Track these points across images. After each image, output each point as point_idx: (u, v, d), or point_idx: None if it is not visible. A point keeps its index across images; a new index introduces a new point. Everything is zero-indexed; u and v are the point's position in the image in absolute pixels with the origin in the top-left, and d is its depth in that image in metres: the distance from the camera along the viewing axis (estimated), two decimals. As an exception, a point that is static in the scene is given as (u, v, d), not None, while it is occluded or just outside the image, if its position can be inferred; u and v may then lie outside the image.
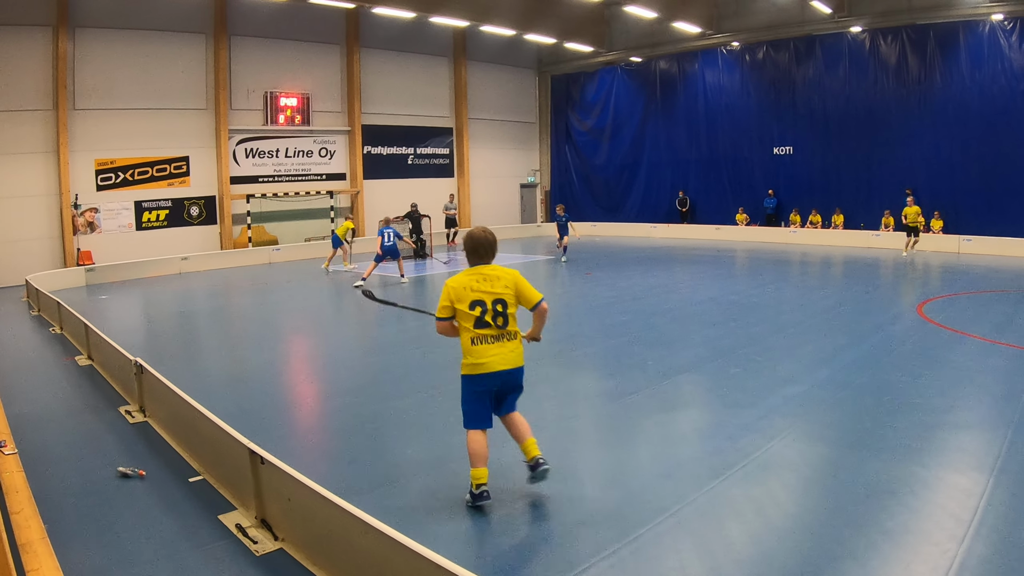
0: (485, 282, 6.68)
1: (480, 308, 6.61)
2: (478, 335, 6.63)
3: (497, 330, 6.66)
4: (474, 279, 6.70)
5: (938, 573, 5.39)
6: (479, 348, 6.66)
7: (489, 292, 6.64)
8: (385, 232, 22.42)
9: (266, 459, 6.13)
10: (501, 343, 6.69)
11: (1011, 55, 27.50)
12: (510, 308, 6.74)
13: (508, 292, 6.70)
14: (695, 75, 37.75)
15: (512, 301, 6.75)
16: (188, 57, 28.64)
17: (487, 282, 6.68)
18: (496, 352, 6.66)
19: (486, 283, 6.67)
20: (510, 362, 6.74)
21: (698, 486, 7.04)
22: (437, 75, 38.05)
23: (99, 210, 26.87)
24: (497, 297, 6.65)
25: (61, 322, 16.07)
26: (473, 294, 6.62)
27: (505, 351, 6.70)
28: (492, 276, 6.73)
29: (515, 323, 6.80)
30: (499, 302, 6.66)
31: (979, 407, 9.51)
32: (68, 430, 9.36)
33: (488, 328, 6.63)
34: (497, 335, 6.67)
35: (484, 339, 6.65)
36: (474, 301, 6.61)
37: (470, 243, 6.90)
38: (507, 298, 6.69)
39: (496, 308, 6.65)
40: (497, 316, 6.65)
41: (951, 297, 18.06)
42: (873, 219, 31.19)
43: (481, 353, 6.66)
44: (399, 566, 4.63)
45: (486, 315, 6.61)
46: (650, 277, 22.58)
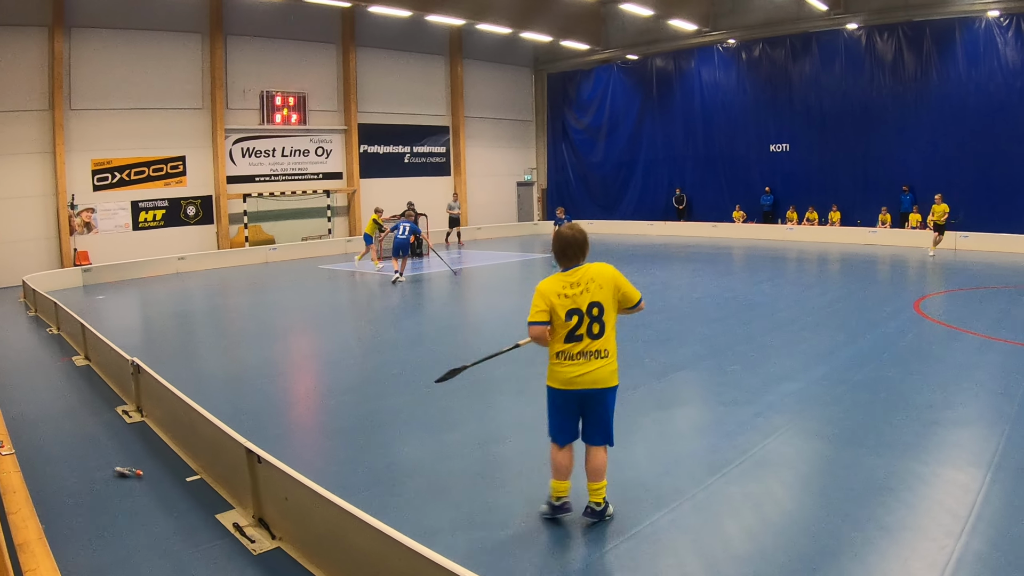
0: (577, 287, 6.03)
1: (576, 317, 6.01)
2: (565, 349, 6.07)
3: (589, 341, 6.03)
4: (565, 285, 6.06)
5: (935, 569, 5.40)
6: (562, 363, 6.10)
7: (583, 298, 6.02)
8: (402, 225, 22.15)
9: (263, 458, 6.13)
10: (588, 360, 6.03)
11: (1007, 52, 27.50)
12: (607, 314, 6.06)
13: (604, 293, 6.05)
14: (691, 73, 37.75)
15: (610, 304, 6.07)
16: (184, 57, 28.59)
17: (579, 287, 6.03)
18: (580, 370, 6.05)
19: (578, 288, 6.03)
20: (593, 381, 6.07)
21: (695, 483, 7.05)
22: (433, 74, 38.03)
23: (96, 210, 26.82)
24: (593, 301, 6.02)
25: (58, 322, 16.06)
26: (567, 301, 6.01)
27: (590, 368, 6.04)
28: (585, 279, 6.07)
29: (612, 334, 6.13)
30: (595, 305, 6.02)
31: (976, 403, 9.53)
32: (65, 430, 9.36)
33: (580, 342, 6.02)
34: (585, 351, 6.03)
35: (569, 354, 6.07)
36: (570, 310, 6.01)
37: (557, 244, 6.23)
38: (604, 302, 6.04)
39: (592, 313, 6.01)
40: (593, 323, 6.02)
41: (948, 293, 18.09)
42: (870, 216, 31.19)
43: (563, 369, 6.11)
44: (396, 564, 4.64)
45: (581, 327, 6.02)
46: (647, 275, 22.57)
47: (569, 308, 5.98)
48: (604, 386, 6.09)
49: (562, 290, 6.02)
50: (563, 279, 6.08)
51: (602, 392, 6.11)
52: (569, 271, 6.12)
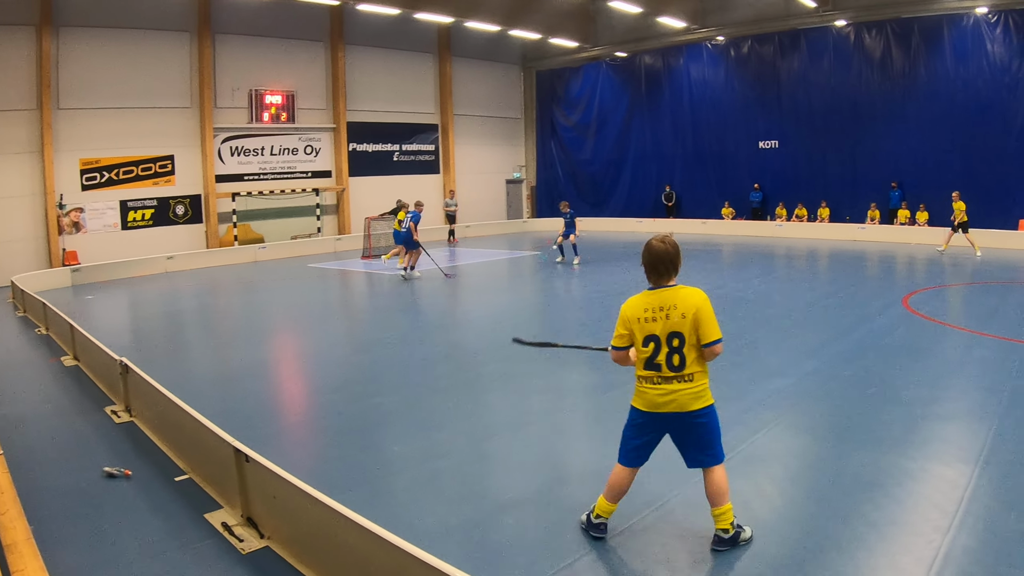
0: (660, 311, 5.62)
1: (653, 345, 5.63)
2: (645, 375, 5.71)
3: (668, 372, 5.60)
4: (647, 308, 5.68)
5: (923, 564, 5.43)
6: (644, 385, 5.73)
7: (662, 325, 5.60)
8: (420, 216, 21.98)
9: (251, 457, 6.13)
10: (672, 384, 5.61)
11: (995, 48, 27.60)
12: (687, 348, 5.58)
13: (686, 324, 5.55)
14: (680, 70, 37.77)
15: (691, 337, 5.58)
16: (172, 55, 28.50)
17: (661, 312, 5.62)
18: (666, 391, 5.64)
19: (660, 313, 5.62)
20: (683, 404, 5.63)
21: (684, 479, 7.03)
22: (422, 71, 37.99)
23: (84, 210, 26.74)
24: (673, 330, 5.58)
25: (47, 323, 16.02)
26: (646, 326, 5.64)
27: (677, 390, 5.62)
28: (668, 304, 5.64)
29: (697, 363, 5.64)
30: (675, 336, 5.58)
31: (964, 399, 9.58)
32: (54, 431, 9.33)
33: (659, 371, 5.62)
34: (668, 376, 5.62)
35: (650, 380, 5.68)
36: (647, 336, 5.64)
37: (646, 257, 5.88)
38: (686, 333, 5.56)
39: (672, 344, 5.58)
40: (673, 354, 5.59)
41: (937, 289, 18.13)
42: (859, 212, 31.28)
43: (646, 390, 5.72)
44: (384, 562, 4.64)
45: (659, 355, 5.61)
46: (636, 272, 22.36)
47: (648, 334, 5.63)
48: (691, 408, 5.64)
49: (643, 313, 5.67)
50: (646, 300, 5.74)
51: (691, 416, 5.66)
52: (656, 291, 5.77)
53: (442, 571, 4.16)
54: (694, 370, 5.60)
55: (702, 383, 5.67)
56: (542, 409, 9.60)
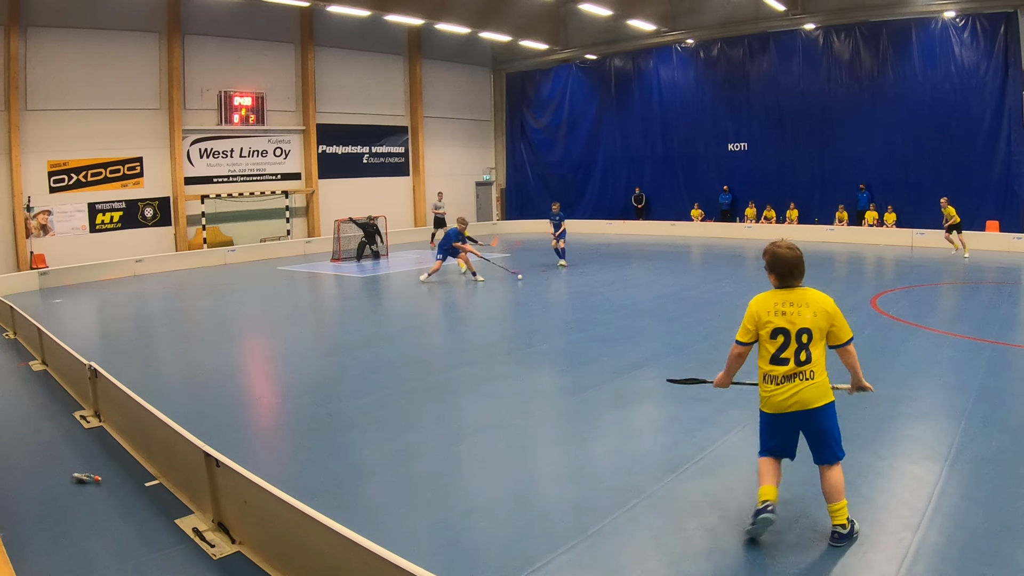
0: (792, 307, 5.85)
1: (782, 338, 5.84)
2: (769, 371, 5.92)
3: (795, 366, 5.80)
4: (780, 302, 5.92)
5: (893, 562, 5.50)
6: (769, 387, 5.93)
7: (796, 320, 5.81)
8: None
9: (221, 462, 6.11)
10: (794, 382, 5.81)
11: (962, 52, 27.92)
12: (815, 344, 5.81)
13: (817, 321, 5.80)
14: (650, 72, 37.94)
15: (819, 335, 5.83)
16: (141, 56, 28.29)
17: (794, 308, 5.85)
18: (788, 391, 5.83)
19: (793, 308, 5.85)
20: (805, 402, 5.82)
21: (655, 480, 7.11)
22: (392, 73, 37.92)
23: (52, 212, 26.50)
24: (804, 327, 5.80)
25: (14, 327, 15.89)
26: (779, 319, 5.85)
27: (799, 388, 5.80)
28: (800, 301, 5.88)
29: (822, 362, 5.87)
30: (804, 332, 5.79)
31: (933, 397, 9.70)
32: (22, 436, 9.26)
33: (785, 365, 5.82)
34: (791, 373, 5.81)
35: (774, 377, 5.88)
36: (777, 329, 5.85)
37: (781, 267, 6.04)
38: (815, 330, 5.80)
39: (801, 340, 5.79)
40: (801, 351, 5.79)
41: (905, 290, 18.28)
42: (827, 214, 31.55)
43: (772, 391, 5.92)
44: (356, 566, 4.64)
45: (787, 350, 5.82)
46: (606, 273, 22.66)
47: (777, 327, 5.84)
48: (813, 406, 5.82)
49: (775, 307, 5.89)
50: (779, 296, 5.95)
51: (813, 412, 5.84)
52: (786, 289, 5.98)
53: (413, 574, 4.16)
54: (817, 368, 5.80)
55: (823, 381, 5.85)
56: (512, 412, 9.62)
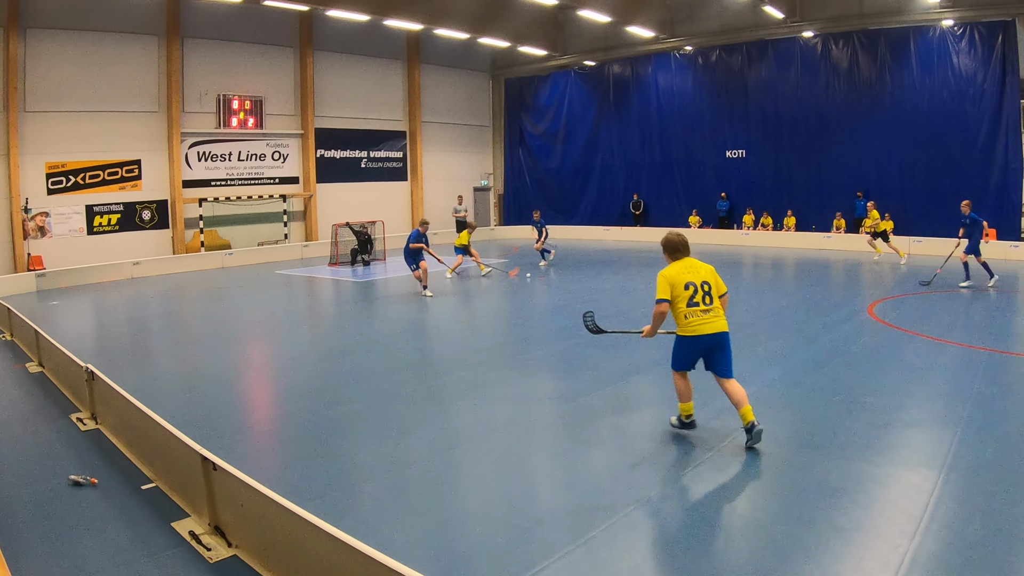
0: (692, 268, 8.42)
1: (693, 288, 8.28)
2: (688, 311, 8.26)
3: (704, 307, 8.28)
4: (682, 267, 8.41)
5: (889, 569, 5.50)
6: (694, 320, 8.27)
7: (698, 275, 8.36)
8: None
9: (218, 465, 6.11)
10: (709, 315, 8.29)
11: (960, 60, 27.99)
12: (714, 291, 8.38)
13: (711, 277, 8.43)
14: (648, 79, 37.98)
15: (714, 286, 8.41)
16: (140, 59, 28.32)
17: (693, 268, 8.42)
18: (708, 321, 8.27)
19: (693, 268, 8.42)
20: (719, 328, 8.30)
21: (650, 486, 7.12)
22: (391, 78, 37.97)
23: (50, 214, 26.51)
24: (705, 280, 8.36)
25: (11, 329, 15.88)
26: (687, 275, 8.32)
27: (714, 319, 8.30)
28: (695, 264, 8.50)
29: (719, 304, 8.45)
30: (706, 283, 8.35)
31: (929, 405, 9.72)
32: (19, 438, 9.25)
33: (697, 307, 8.27)
34: (706, 310, 8.28)
35: (696, 314, 8.26)
36: (688, 282, 8.28)
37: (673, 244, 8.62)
38: (711, 283, 8.38)
39: (704, 288, 8.32)
40: (705, 296, 8.29)
41: (901, 297, 18.31)
42: (824, 221, 31.57)
43: (697, 323, 8.27)
44: (353, 570, 4.64)
45: (697, 295, 8.27)
46: (603, 280, 22.66)
47: (687, 280, 8.29)
48: (723, 330, 8.35)
49: (681, 271, 8.36)
50: (679, 265, 8.46)
51: (723, 336, 8.35)
52: (680, 260, 8.51)
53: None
54: (718, 306, 8.40)
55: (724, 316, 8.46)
56: (508, 417, 9.62)
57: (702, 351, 8.40)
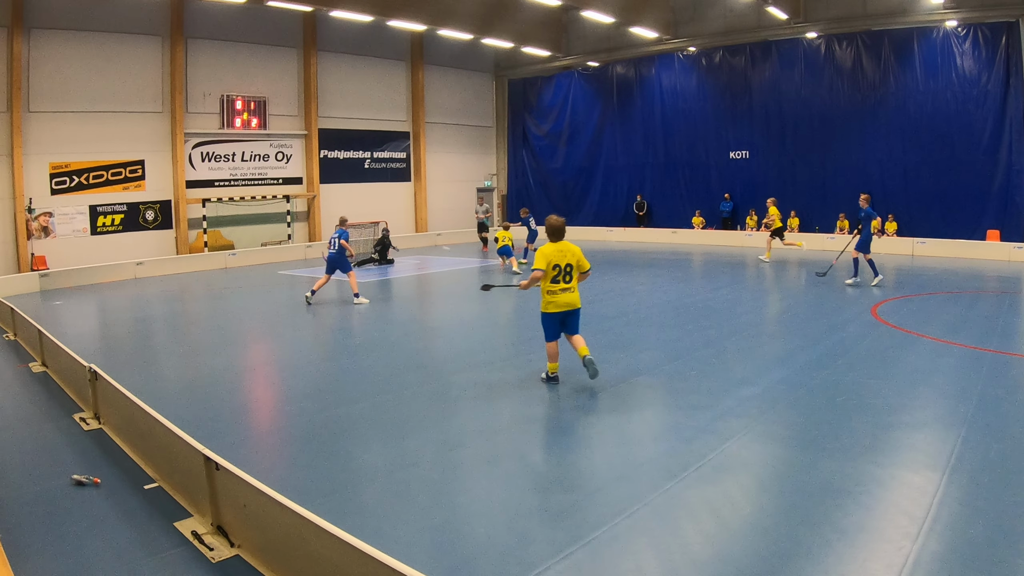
0: (562, 252, 10.65)
1: (558, 269, 10.59)
2: (552, 288, 10.65)
3: (564, 284, 10.64)
4: (556, 250, 10.66)
5: (893, 570, 5.48)
6: (555, 296, 10.66)
7: (565, 258, 10.63)
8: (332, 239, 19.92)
9: (221, 465, 6.11)
10: (567, 293, 10.68)
11: (963, 61, 27.96)
12: (574, 271, 10.70)
13: (573, 259, 10.67)
14: (652, 80, 37.97)
15: (575, 266, 10.69)
16: (144, 60, 28.35)
17: (563, 252, 10.65)
18: (565, 297, 10.68)
19: (562, 252, 10.65)
20: (572, 303, 10.74)
21: (654, 488, 7.10)
22: (394, 79, 37.98)
23: (53, 214, 26.53)
24: (569, 263, 10.63)
25: (15, 328, 15.90)
26: (558, 257, 10.60)
27: (569, 296, 10.71)
28: (566, 248, 10.70)
29: (575, 282, 10.79)
30: (569, 265, 10.63)
31: (933, 406, 9.69)
32: (22, 438, 9.26)
33: (559, 283, 10.63)
34: (564, 288, 10.65)
35: (556, 291, 10.64)
36: (556, 264, 10.57)
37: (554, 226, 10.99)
38: (573, 264, 10.67)
39: (567, 269, 10.62)
40: (567, 275, 10.64)
41: (905, 299, 18.28)
42: (828, 222, 31.55)
43: (556, 298, 10.66)
44: (355, 571, 4.63)
45: (560, 275, 10.61)
46: (606, 281, 22.63)
47: (556, 262, 10.59)
48: (576, 307, 10.82)
49: (555, 252, 10.64)
50: (555, 246, 10.72)
51: (576, 310, 10.85)
52: (558, 242, 10.79)
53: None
54: (574, 286, 10.79)
55: (578, 293, 10.87)
56: (511, 418, 9.61)
57: (560, 320, 10.79)
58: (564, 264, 10.53)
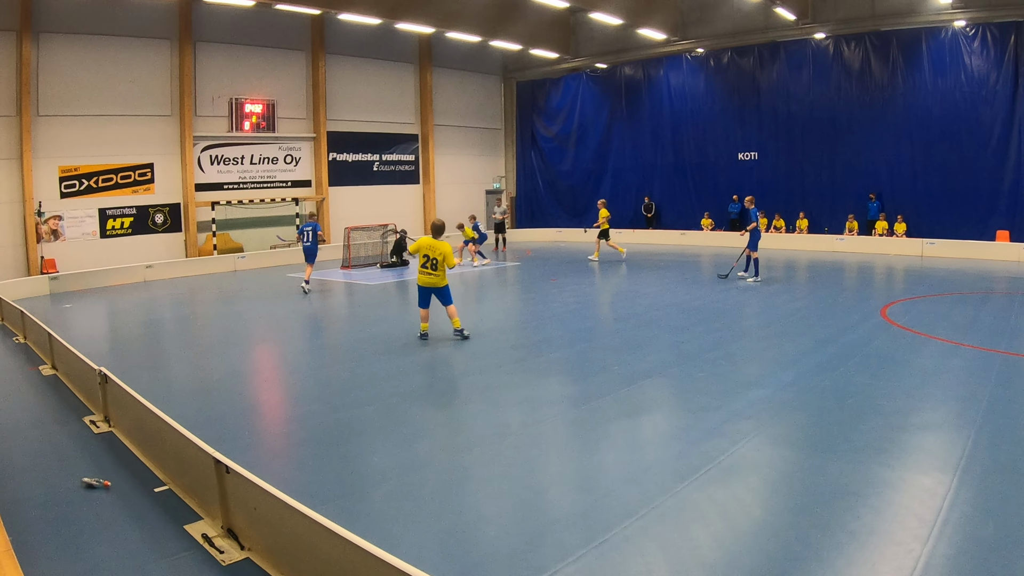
0: (433, 247, 14.03)
1: (427, 258, 14.07)
2: (423, 271, 14.19)
3: (431, 270, 14.08)
4: (430, 244, 14.06)
5: (903, 573, 5.48)
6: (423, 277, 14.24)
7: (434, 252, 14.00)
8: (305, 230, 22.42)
9: (232, 468, 6.12)
10: (430, 276, 14.16)
11: (972, 61, 27.89)
12: (440, 265, 14.02)
13: (440, 255, 13.97)
14: (660, 81, 37.93)
15: (441, 260, 13.99)
16: (153, 63, 28.41)
17: (434, 247, 14.02)
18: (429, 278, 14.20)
19: (433, 247, 14.03)
20: (435, 284, 14.22)
21: (663, 490, 7.10)
22: (403, 81, 38.00)
23: (63, 218, 26.59)
24: (435, 257, 13.97)
25: (25, 331, 15.93)
26: (428, 250, 14.02)
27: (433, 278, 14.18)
28: (437, 244, 14.04)
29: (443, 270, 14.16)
30: (435, 258, 13.98)
31: (942, 408, 9.66)
32: (32, 441, 9.28)
33: (427, 269, 14.11)
34: (429, 272, 14.11)
35: (424, 274, 14.23)
36: (426, 254, 14.03)
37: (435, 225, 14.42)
38: (439, 259, 13.97)
39: (434, 261, 14.02)
40: (434, 264, 14.03)
41: (915, 300, 18.24)
42: (837, 223, 31.50)
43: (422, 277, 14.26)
44: (365, 574, 4.64)
45: (428, 264, 14.07)
46: (615, 283, 22.64)
47: (426, 252, 14.06)
48: (438, 286, 14.25)
49: (427, 245, 14.12)
50: (429, 240, 14.16)
51: (438, 288, 14.29)
52: (436, 239, 14.15)
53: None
54: (441, 272, 14.07)
55: (443, 276, 14.18)
56: (521, 420, 9.61)
57: (424, 293, 14.40)
58: (432, 256, 13.98)
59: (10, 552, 5.51)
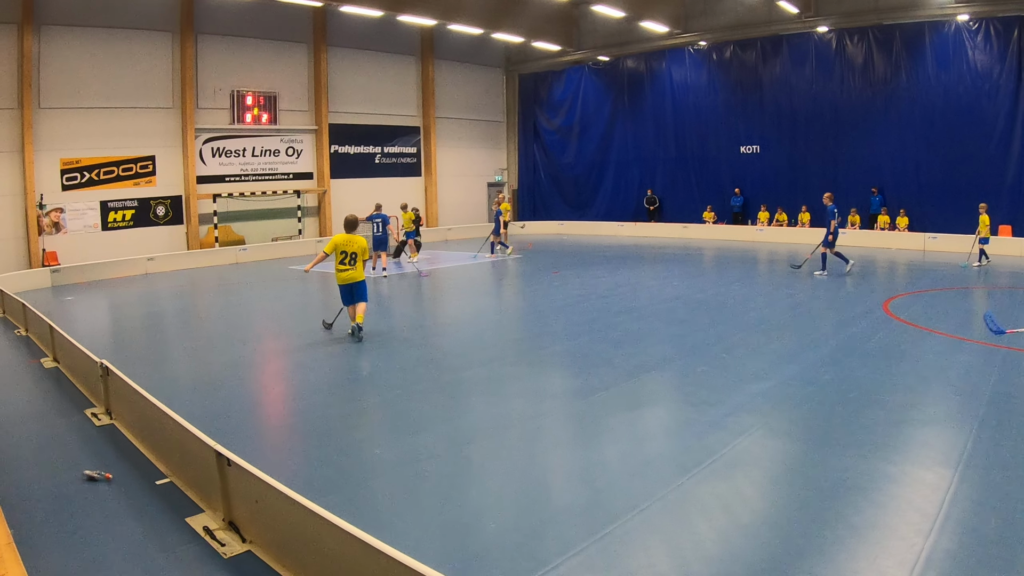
0: (350, 242, 14.07)
1: (344, 255, 14.05)
2: (339, 268, 14.11)
3: (349, 267, 14.05)
4: (346, 239, 14.07)
5: (904, 567, 5.46)
6: (341, 274, 14.11)
7: (351, 248, 14.06)
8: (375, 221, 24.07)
9: (233, 461, 6.11)
10: (348, 272, 14.08)
11: (975, 55, 27.84)
12: (358, 259, 14.11)
13: (357, 250, 14.09)
14: (663, 74, 37.89)
15: (359, 255, 14.13)
16: (154, 55, 28.36)
17: (351, 242, 14.07)
18: (347, 274, 14.10)
19: (350, 242, 14.08)
20: (353, 279, 14.13)
21: (666, 483, 7.09)
22: (405, 74, 37.94)
23: (64, 210, 26.57)
24: (353, 252, 14.07)
25: (26, 324, 15.93)
26: (344, 246, 14.06)
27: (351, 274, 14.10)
28: (353, 239, 14.10)
29: (360, 265, 14.16)
30: (354, 253, 14.08)
31: (945, 403, 9.65)
32: (34, 433, 9.28)
33: (345, 265, 14.06)
34: (347, 268, 14.06)
35: (343, 270, 14.09)
36: (344, 251, 14.06)
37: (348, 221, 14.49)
38: (358, 253, 14.11)
39: (352, 256, 14.06)
40: (351, 260, 14.08)
41: (917, 294, 18.23)
42: (840, 217, 31.38)
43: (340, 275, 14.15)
44: (367, 567, 4.63)
45: (346, 260, 14.05)
46: (617, 275, 22.62)
47: (343, 249, 14.05)
48: (357, 280, 14.16)
49: (343, 241, 14.09)
50: (345, 236, 14.15)
51: (357, 283, 14.18)
52: (348, 234, 14.19)
53: (423, 575, 4.16)
54: (358, 266, 14.10)
55: (361, 272, 14.18)
56: (523, 413, 9.61)
57: (346, 291, 14.27)
58: (350, 251, 14.04)
59: (11, 545, 5.51)
